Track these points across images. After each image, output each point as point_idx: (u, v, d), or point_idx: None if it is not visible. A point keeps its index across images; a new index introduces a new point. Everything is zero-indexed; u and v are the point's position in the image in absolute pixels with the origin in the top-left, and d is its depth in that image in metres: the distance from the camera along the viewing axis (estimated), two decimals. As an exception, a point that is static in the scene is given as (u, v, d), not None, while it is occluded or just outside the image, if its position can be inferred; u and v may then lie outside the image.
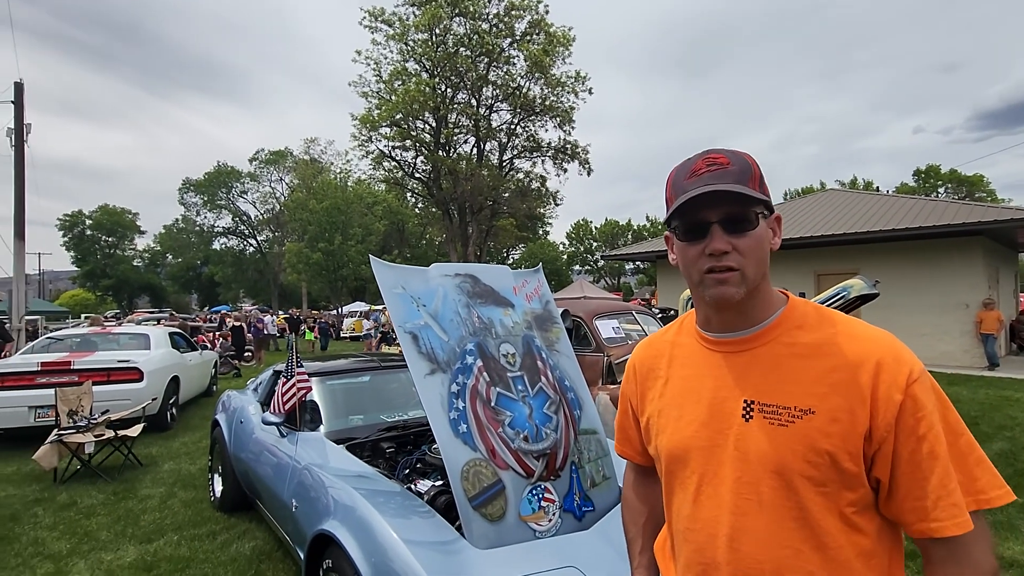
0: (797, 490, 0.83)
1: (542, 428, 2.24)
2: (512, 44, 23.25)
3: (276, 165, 45.49)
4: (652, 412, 1.03)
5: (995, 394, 8.04)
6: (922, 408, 0.80)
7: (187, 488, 4.68)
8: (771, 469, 0.84)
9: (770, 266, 0.91)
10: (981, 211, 11.28)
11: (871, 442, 0.81)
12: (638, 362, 1.12)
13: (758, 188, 0.87)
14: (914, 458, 0.79)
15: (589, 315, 5.95)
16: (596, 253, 51.26)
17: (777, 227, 0.93)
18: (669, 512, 1.02)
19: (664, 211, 0.94)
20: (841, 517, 0.83)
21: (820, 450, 0.81)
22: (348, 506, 2.19)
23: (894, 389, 0.80)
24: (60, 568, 3.28)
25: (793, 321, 0.90)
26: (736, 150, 0.91)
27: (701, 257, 0.88)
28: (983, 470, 0.81)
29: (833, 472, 0.81)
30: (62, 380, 5.87)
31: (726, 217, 0.86)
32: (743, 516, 0.86)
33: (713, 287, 0.87)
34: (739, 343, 0.92)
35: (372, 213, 33.32)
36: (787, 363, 0.87)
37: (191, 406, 8.51)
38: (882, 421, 0.80)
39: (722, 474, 0.89)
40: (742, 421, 0.88)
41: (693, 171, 0.89)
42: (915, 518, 0.80)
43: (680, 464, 0.96)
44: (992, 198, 43.96)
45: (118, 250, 49.68)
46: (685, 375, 0.99)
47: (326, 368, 3.69)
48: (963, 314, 11.18)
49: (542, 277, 2.91)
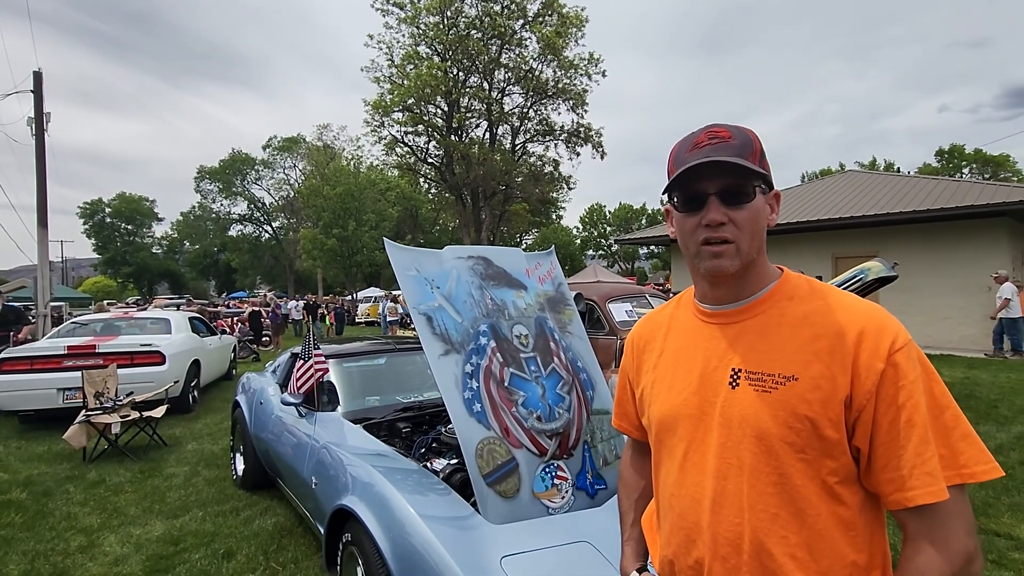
0: (778, 455, 0.83)
1: (555, 408, 2.27)
2: (524, 26, 22.96)
3: (289, 152, 45.75)
4: (646, 383, 1.05)
5: (1016, 378, 7.91)
6: (903, 377, 0.80)
7: (210, 467, 4.83)
8: (752, 434, 0.85)
9: (787, 248, 0.91)
10: (1006, 191, 10.98)
11: (851, 409, 0.81)
12: (636, 336, 1.14)
13: (758, 163, 0.87)
14: (893, 427, 0.79)
15: (603, 298, 5.95)
16: (610, 238, 50.93)
17: (775, 203, 0.94)
18: (657, 481, 1.03)
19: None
20: (823, 486, 0.83)
21: (801, 416, 0.82)
22: (366, 483, 2.25)
23: (875, 357, 0.80)
24: (92, 541, 3.42)
25: (784, 293, 0.91)
26: (740, 125, 0.91)
27: (698, 228, 0.89)
28: (968, 444, 0.80)
29: (814, 438, 0.82)
30: (88, 363, 6.04)
31: (723, 189, 0.87)
32: (724, 480, 0.87)
33: (708, 259, 0.89)
34: (731, 314, 0.94)
35: (385, 199, 33.40)
36: (775, 332, 0.88)
37: (212, 389, 8.71)
38: (862, 388, 0.80)
39: (708, 441, 0.90)
40: (729, 388, 0.89)
41: (695, 144, 0.89)
42: (891, 488, 0.80)
43: (669, 432, 0.97)
44: (1019, 177, 42.63)
45: (137, 237, 50.57)
46: (679, 346, 1.00)
47: (343, 351, 3.76)
48: (986, 297, 10.95)
49: (555, 259, 2.92)
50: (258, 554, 3.17)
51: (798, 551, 0.83)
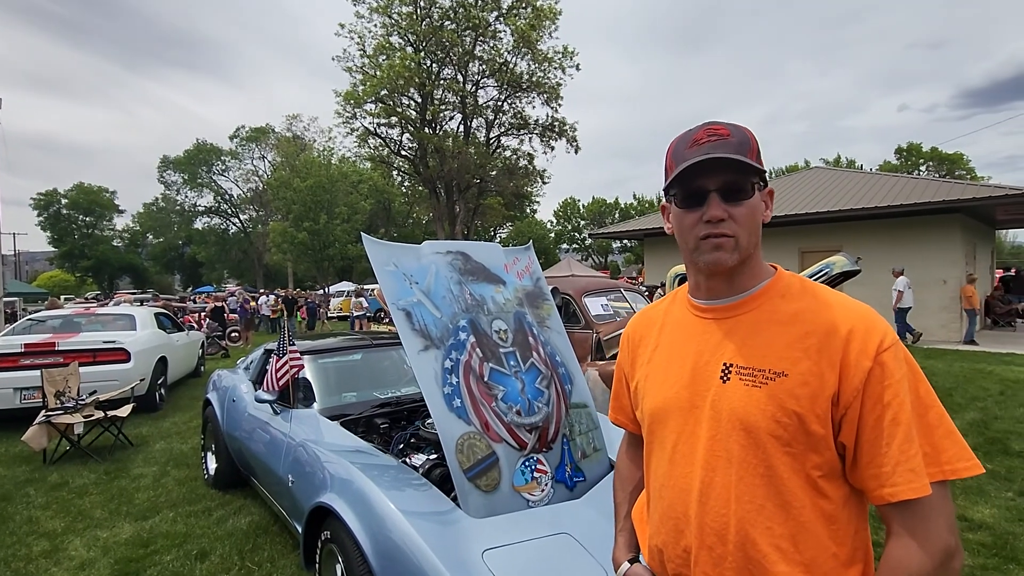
0: (765, 448, 0.85)
1: (534, 402, 2.29)
2: (498, 18, 22.81)
3: (258, 142, 44.57)
4: (641, 377, 1.07)
5: (969, 367, 8.31)
6: (890, 376, 0.82)
7: (180, 467, 4.71)
8: (741, 427, 0.87)
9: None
10: (960, 189, 11.49)
11: (838, 406, 0.83)
12: (632, 331, 1.16)
13: (755, 160, 0.89)
14: (878, 424, 0.81)
15: (578, 292, 6.00)
16: (584, 231, 51.28)
17: (769, 200, 0.96)
18: (648, 472, 1.06)
19: (663, 182, 0.96)
20: (807, 480, 0.85)
21: (789, 411, 0.84)
22: (345, 479, 2.24)
23: (864, 356, 0.82)
24: (56, 545, 3.31)
25: (777, 291, 0.94)
26: (737, 123, 0.93)
27: (698, 224, 0.91)
28: (951, 442, 0.82)
29: (800, 433, 0.84)
30: (47, 362, 5.81)
31: (724, 186, 0.88)
32: (713, 471, 0.89)
33: (708, 252, 0.90)
34: (725, 309, 0.96)
35: (358, 192, 32.87)
36: (767, 329, 0.90)
37: (180, 387, 8.48)
38: (849, 386, 0.82)
39: (698, 433, 0.92)
40: (720, 382, 0.91)
41: (694, 140, 0.91)
42: (876, 484, 0.82)
43: (660, 424, 0.99)
44: (972, 176, 44.55)
45: (96, 230, 48.56)
46: (673, 341, 1.02)
47: (318, 346, 3.71)
48: (941, 290, 11.45)
49: (533, 254, 2.94)
50: (233, 554, 3.12)
51: (782, 542, 0.85)
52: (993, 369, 8.09)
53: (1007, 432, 5.03)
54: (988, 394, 6.55)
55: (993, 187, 11.23)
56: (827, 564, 0.85)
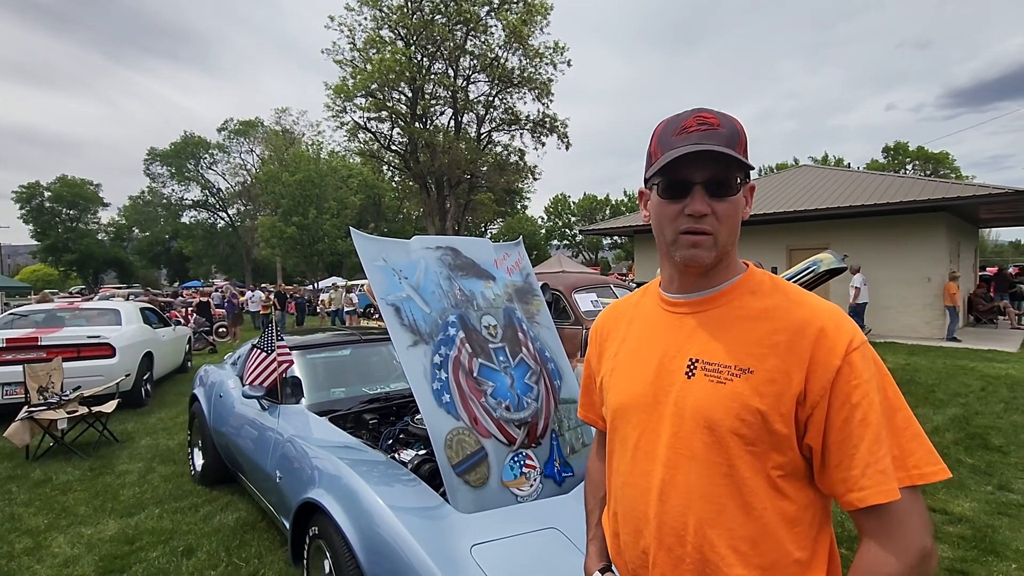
0: (728, 446, 0.83)
1: (523, 398, 2.30)
2: (490, 12, 22.70)
3: (246, 136, 44.02)
4: (606, 371, 1.04)
5: (951, 364, 8.45)
6: (858, 376, 0.79)
7: (166, 463, 4.67)
8: (703, 424, 0.84)
9: (743, 240, 0.94)
10: (945, 188, 11.63)
11: (804, 406, 0.81)
12: (600, 325, 1.13)
13: (743, 154, 0.86)
14: (846, 426, 0.79)
15: (568, 289, 6.02)
16: (574, 228, 51.33)
17: (750, 196, 0.93)
18: (610, 471, 1.03)
19: (644, 167, 0.93)
20: (768, 480, 0.82)
21: (752, 409, 0.81)
22: (333, 475, 2.23)
23: (833, 355, 0.80)
24: (39, 543, 3.27)
25: (747, 287, 0.91)
26: (726, 113, 0.89)
27: (679, 216, 0.87)
28: (919, 445, 0.80)
29: (763, 432, 0.81)
30: (29, 357, 5.73)
31: (710, 179, 0.85)
32: (674, 470, 0.87)
33: (686, 248, 0.87)
34: (694, 304, 0.93)
35: (347, 186, 32.66)
36: (735, 324, 0.88)
37: (166, 382, 8.39)
38: (817, 384, 0.80)
39: (660, 430, 0.89)
40: (684, 378, 0.88)
41: (683, 127, 0.86)
42: (844, 488, 0.79)
43: (623, 421, 0.97)
44: (957, 175, 45.21)
45: (80, 223, 47.74)
46: (640, 335, 0.99)
47: (306, 342, 3.68)
48: (926, 288, 11.61)
49: (522, 250, 2.94)
50: (219, 550, 3.10)
51: (741, 544, 0.83)
52: (975, 366, 8.23)
53: (987, 427, 5.13)
54: (970, 390, 6.66)
55: (977, 186, 11.39)
56: (787, 568, 0.83)
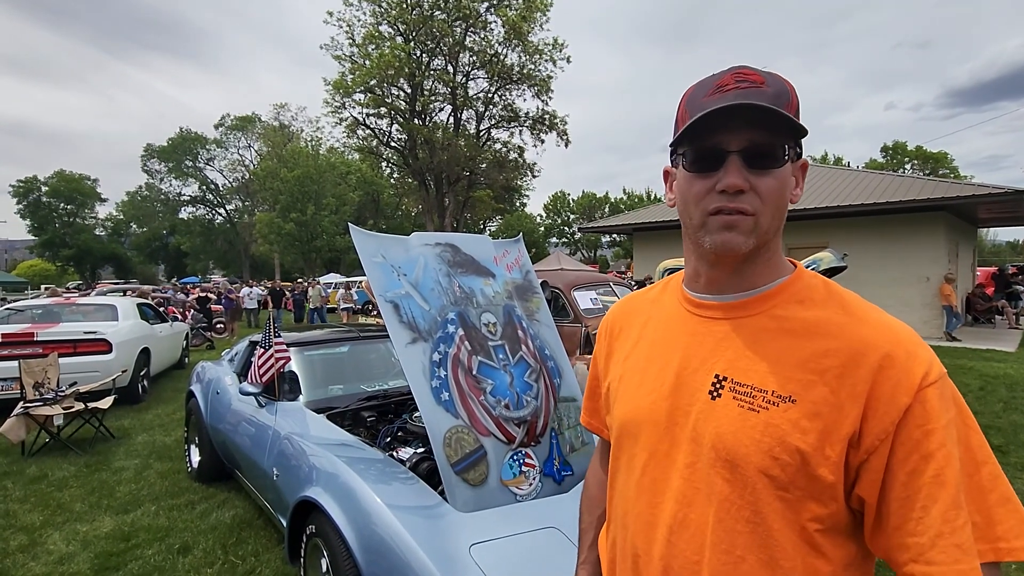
0: (754, 488, 0.68)
1: (523, 396, 2.28)
2: (489, 8, 22.64)
3: (244, 131, 43.99)
4: (615, 377, 0.90)
5: (950, 363, 8.45)
6: (934, 420, 0.63)
7: (163, 459, 4.64)
8: (726, 457, 0.70)
9: None
10: (945, 187, 11.63)
11: (858, 450, 0.65)
12: (611, 320, 0.97)
13: (795, 117, 0.70)
14: (913, 481, 0.63)
15: (567, 286, 6.00)
16: (573, 225, 51.30)
17: (801, 176, 0.77)
18: (611, 493, 0.89)
19: (672, 139, 0.76)
20: (802, 533, 0.67)
21: (791, 447, 0.66)
22: (331, 473, 2.21)
23: (901, 390, 0.64)
24: (34, 539, 3.25)
25: (795, 294, 0.74)
26: (774, 71, 0.72)
27: (709, 193, 0.71)
28: (1009, 511, 0.63)
29: (801, 476, 0.66)
30: (25, 352, 5.69)
31: (750, 147, 0.69)
32: (688, 506, 0.73)
33: (717, 232, 0.71)
34: (725, 308, 0.77)
35: (346, 183, 32.57)
36: (774, 339, 0.72)
37: (163, 378, 8.36)
38: (877, 426, 0.64)
39: (674, 456, 0.75)
40: (708, 398, 0.73)
41: (717, 87, 0.70)
42: (906, 557, 0.63)
43: (630, 438, 0.82)
44: (955, 175, 45.25)
45: (78, 218, 47.62)
46: (656, 339, 0.84)
47: (304, 339, 3.66)
48: (924, 287, 11.62)
49: (522, 247, 2.92)
50: (216, 548, 3.08)
51: None
52: (973, 365, 8.24)
53: (987, 427, 5.13)
54: (968, 389, 6.66)
55: (977, 186, 11.39)
56: None
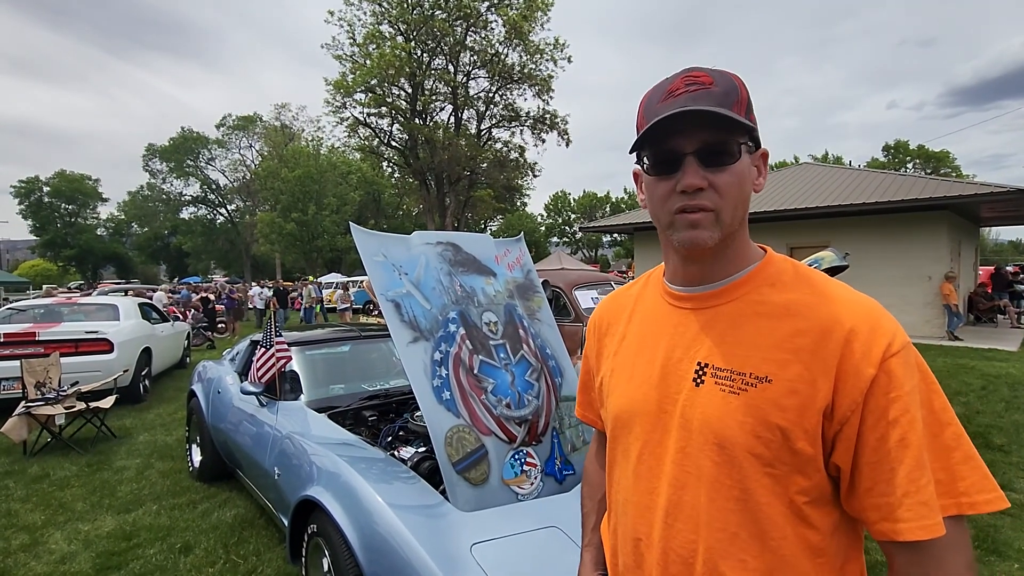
0: (742, 467, 0.72)
1: (524, 395, 2.27)
2: (490, 8, 22.63)
3: (245, 131, 44.04)
4: (606, 371, 0.94)
5: (952, 362, 8.43)
6: (898, 387, 0.68)
7: (164, 459, 4.65)
8: (714, 440, 0.74)
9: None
10: (947, 186, 11.60)
11: (832, 421, 0.70)
12: (599, 317, 1.02)
13: (744, 114, 0.73)
14: (882, 445, 0.68)
15: (569, 286, 5.99)
16: (574, 225, 51.30)
17: (763, 165, 0.81)
18: (610, 484, 0.94)
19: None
20: (790, 505, 0.72)
21: (772, 425, 0.70)
22: (332, 472, 2.20)
23: (866, 361, 0.68)
24: (36, 539, 3.25)
25: (766, 278, 0.79)
26: (723, 69, 0.76)
27: (672, 194, 0.75)
28: (971, 468, 0.69)
29: (784, 451, 0.70)
30: (27, 352, 5.70)
31: (703, 147, 0.73)
32: (682, 489, 0.77)
33: (684, 230, 0.75)
34: (703, 299, 0.81)
35: (347, 182, 32.58)
36: (750, 323, 0.76)
37: (164, 378, 8.37)
38: (847, 397, 0.69)
39: (666, 443, 0.80)
40: (692, 385, 0.78)
41: (669, 91, 0.75)
42: (877, 516, 0.69)
43: (624, 430, 0.87)
44: (957, 174, 45.21)
45: (79, 218, 47.73)
46: (642, 332, 0.89)
47: (305, 338, 3.66)
48: (926, 286, 11.59)
49: (524, 246, 2.91)
50: (217, 547, 3.08)
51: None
52: (975, 364, 8.22)
53: (989, 426, 5.11)
54: (970, 389, 6.65)
55: (979, 184, 11.35)
56: None
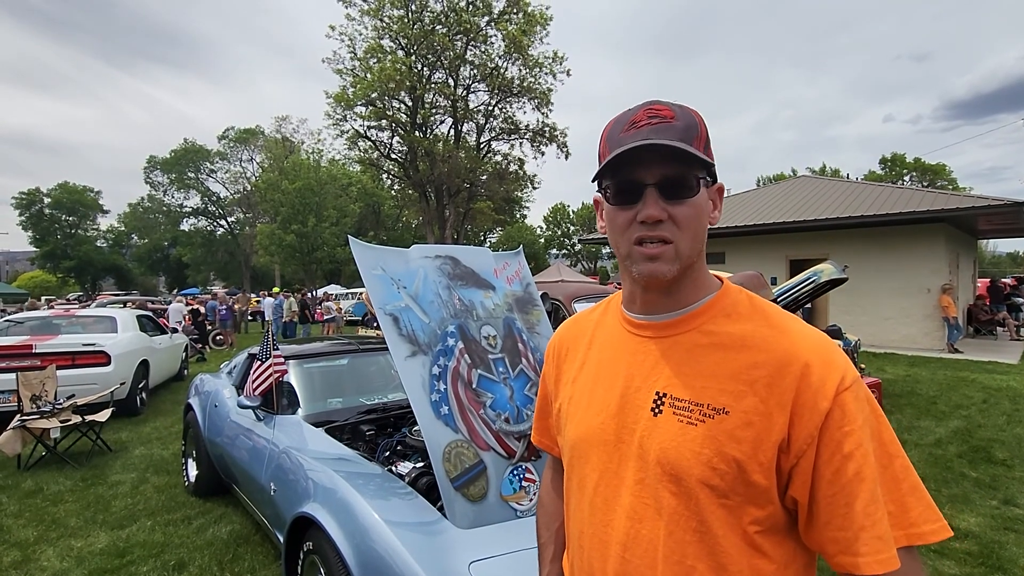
0: (698, 499, 0.72)
1: (523, 410, 2.26)
2: (490, 23, 22.88)
3: (246, 144, 44.24)
4: (564, 398, 0.93)
5: (952, 375, 8.40)
6: (851, 421, 0.69)
7: (160, 473, 4.60)
8: (670, 472, 0.74)
9: (743, 250, 0.85)
10: (944, 199, 11.66)
11: (788, 454, 0.71)
12: (558, 342, 1.01)
13: (703, 149, 0.76)
14: (837, 479, 0.69)
15: (568, 298, 5.98)
16: (573, 237, 51.42)
17: (718, 199, 0.83)
18: (567, 515, 0.92)
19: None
20: (744, 536, 0.72)
21: (728, 456, 0.71)
22: (328, 488, 2.18)
23: (820, 396, 0.69)
24: (28, 555, 3.20)
25: (722, 308, 0.80)
26: (683, 104, 0.78)
27: (632, 225, 0.77)
28: (917, 499, 0.71)
29: (739, 483, 0.71)
30: (23, 364, 5.67)
31: (663, 180, 0.75)
32: (639, 523, 0.77)
33: (642, 262, 0.77)
34: (660, 327, 0.82)
35: (347, 194, 32.69)
36: (707, 354, 0.77)
37: (161, 390, 8.32)
38: (802, 431, 0.70)
39: (623, 474, 0.79)
40: (650, 415, 0.78)
41: (632, 122, 0.77)
42: (835, 549, 0.70)
43: (581, 459, 0.86)
44: (954, 187, 45.48)
45: (80, 230, 47.74)
46: (601, 359, 0.88)
47: (302, 351, 3.64)
48: (925, 298, 11.60)
49: (523, 259, 2.91)
50: (212, 564, 3.04)
51: None
52: (976, 377, 8.20)
53: (990, 440, 5.08)
54: (971, 402, 6.62)
55: (976, 197, 11.41)
56: None
